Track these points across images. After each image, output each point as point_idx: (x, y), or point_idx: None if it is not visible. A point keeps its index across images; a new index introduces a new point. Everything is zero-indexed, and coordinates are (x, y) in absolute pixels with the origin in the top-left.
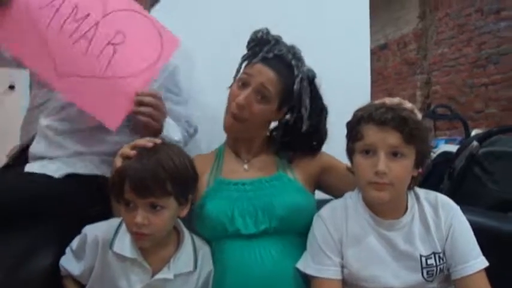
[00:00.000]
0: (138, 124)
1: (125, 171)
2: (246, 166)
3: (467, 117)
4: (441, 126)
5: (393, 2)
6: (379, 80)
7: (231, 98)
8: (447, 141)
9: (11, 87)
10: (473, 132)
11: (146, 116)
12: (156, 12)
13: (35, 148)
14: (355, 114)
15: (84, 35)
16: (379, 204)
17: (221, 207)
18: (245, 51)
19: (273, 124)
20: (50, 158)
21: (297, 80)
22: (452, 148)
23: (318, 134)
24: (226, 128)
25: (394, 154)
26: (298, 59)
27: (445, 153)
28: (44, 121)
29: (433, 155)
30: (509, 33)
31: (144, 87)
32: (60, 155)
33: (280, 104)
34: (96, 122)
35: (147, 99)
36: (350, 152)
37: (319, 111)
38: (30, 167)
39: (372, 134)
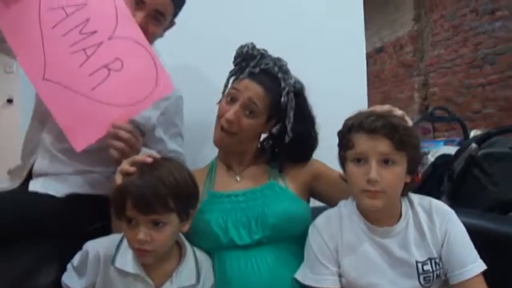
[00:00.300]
0: (110, 155)
1: (126, 188)
2: (237, 178)
3: (465, 118)
4: (439, 128)
5: (388, 5)
6: (376, 82)
7: (220, 113)
8: (446, 143)
9: (9, 100)
10: (472, 133)
11: (118, 151)
12: None
13: (39, 164)
14: (345, 123)
15: (85, 50)
16: (372, 211)
17: (215, 219)
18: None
19: (264, 135)
20: (53, 174)
21: (284, 92)
22: (451, 150)
23: (304, 143)
24: (217, 142)
25: (386, 161)
26: (285, 71)
27: (444, 156)
28: (47, 138)
29: (432, 158)
30: (504, 33)
31: (123, 120)
32: (63, 171)
33: (269, 117)
34: (99, 142)
35: (122, 133)
36: (342, 161)
37: (304, 121)
38: (34, 186)
39: (362, 143)
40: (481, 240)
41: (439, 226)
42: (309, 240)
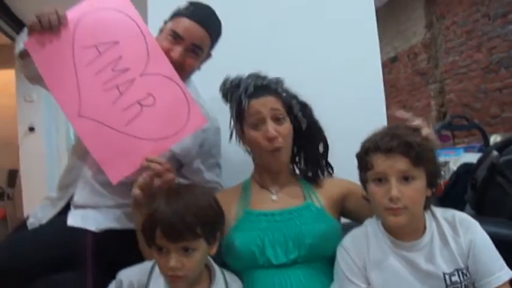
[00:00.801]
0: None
1: (155, 217)
2: (274, 197)
3: (484, 123)
4: (459, 134)
5: (399, 14)
6: (393, 92)
7: (258, 140)
8: (466, 150)
9: (31, 129)
10: (492, 138)
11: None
12: None
13: (79, 196)
14: (362, 146)
15: (118, 87)
16: (397, 228)
17: (251, 237)
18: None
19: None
20: (92, 207)
21: (287, 94)
22: (472, 157)
23: (319, 131)
24: (280, 164)
25: (405, 178)
26: (270, 78)
27: (466, 164)
28: (88, 171)
29: (453, 166)
30: None
31: (157, 154)
32: (102, 204)
33: (290, 118)
34: (136, 175)
35: (154, 165)
36: (363, 181)
37: (305, 107)
38: (73, 220)
39: (381, 163)
40: (506, 249)
41: (463, 237)
42: (338, 260)
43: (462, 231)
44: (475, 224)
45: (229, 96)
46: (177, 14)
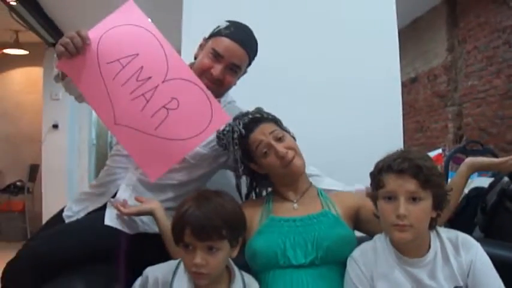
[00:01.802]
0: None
1: (184, 218)
2: (295, 205)
3: (499, 148)
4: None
5: (422, 35)
6: (411, 112)
7: (273, 163)
8: (480, 174)
9: (55, 126)
10: None
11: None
12: None
13: (120, 196)
14: (376, 165)
15: (143, 95)
16: (402, 244)
17: (274, 240)
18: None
19: None
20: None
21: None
22: (485, 181)
23: None
24: (298, 171)
25: (413, 198)
26: (253, 112)
27: (478, 188)
28: (133, 175)
29: (466, 190)
30: None
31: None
32: None
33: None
34: (186, 177)
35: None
36: (374, 199)
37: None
38: (109, 220)
39: (392, 182)
40: None
41: (464, 257)
42: (348, 271)
43: (464, 252)
44: (476, 246)
45: (228, 145)
46: (218, 34)
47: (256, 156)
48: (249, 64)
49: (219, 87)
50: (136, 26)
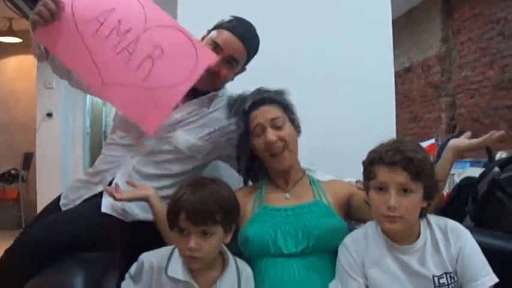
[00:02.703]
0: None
1: (180, 202)
2: (287, 195)
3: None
4: None
5: (416, 26)
6: (405, 102)
7: (259, 146)
8: (472, 164)
9: (49, 114)
10: (498, 155)
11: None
12: None
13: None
14: (368, 156)
15: (126, 48)
16: (392, 233)
17: (266, 228)
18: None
19: None
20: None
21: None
22: (477, 172)
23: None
24: (284, 165)
25: (404, 190)
26: (270, 90)
27: (469, 178)
28: (130, 163)
29: (457, 179)
30: None
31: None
32: None
33: (289, 118)
34: (181, 168)
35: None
36: (366, 188)
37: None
38: (106, 207)
39: (383, 174)
40: (501, 260)
41: (453, 244)
42: (339, 257)
43: (453, 239)
44: (465, 232)
45: (234, 113)
46: (220, 26)
47: (250, 133)
48: (248, 61)
49: (214, 79)
50: None
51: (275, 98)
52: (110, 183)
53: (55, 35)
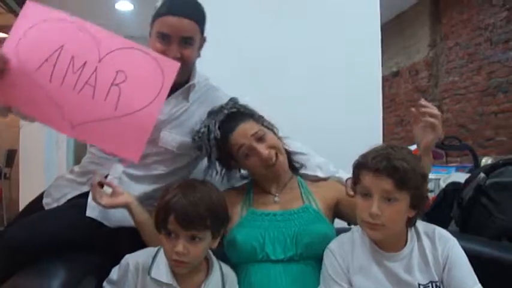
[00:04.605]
0: None
1: (171, 205)
2: (276, 199)
3: (477, 145)
4: (452, 154)
5: (405, 30)
6: (392, 106)
7: (256, 165)
8: (458, 169)
9: None
10: (483, 160)
11: None
12: None
13: (106, 187)
14: (357, 160)
15: (87, 82)
16: (375, 240)
17: (254, 234)
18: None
19: None
20: None
21: (252, 111)
22: (463, 177)
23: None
24: (280, 170)
25: (388, 199)
26: (228, 107)
27: (455, 183)
28: (119, 165)
29: (443, 184)
30: None
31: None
32: None
33: (263, 125)
34: (172, 167)
35: None
36: (353, 192)
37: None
38: (91, 211)
39: (368, 180)
40: (486, 267)
41: (440, 252)
42: (324, 262)
43: (440, 246)
44: (453, 241)
45: (205, 146)
46: (157, 16)
47: (237, 157)
48: (202, 29)
49: (183, 66)
50: (46, 20)
51: (241, 111)
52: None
53: (10, 90)
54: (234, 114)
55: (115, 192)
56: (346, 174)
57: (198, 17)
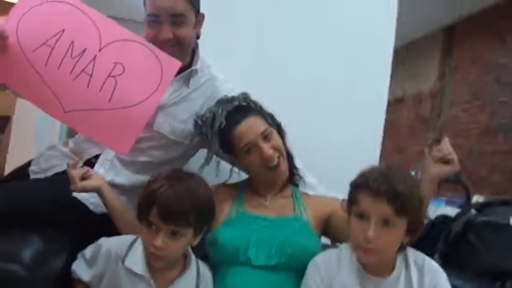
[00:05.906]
0: None
1: (155, 196)
2: (267, 203)
3: (471, 182)
4: (444, 187)
5: (415, 58)
6: (391, 132)
7: (257, 163)
8: (447, 203)
9: None
10: (475, 198)
11: None
12: None
13: (97, 169)
14: (355, 179)
15: (84, 70)
16: (364, 264)
17: (239, 235)
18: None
19: None
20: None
21: (260, 107)
22: (451, 211)
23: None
24: (282, 175)
25: (386, 223)
26: (239, 99)
27: (443, 216)
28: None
29: (432, 216)
30: None
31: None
32: (117, 182)
33: (270, 124)
34: (166, 155)
35: None
36: (348, 212)
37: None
38: (78, 193)
39: (366, 202)
40: None
41: (428, 282)
42: (307, 274)
43: (428, 277)
44: (441, 273)
45: (207, 133)
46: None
47: (237, 151)
48: (196, 6)
49: (179, 47)
50: (50, 2)
51: (252, 106)
52: (87, 162)
53: (6, 67)
54: (243, 107)
55: (86, 175)
56: (336, 195)
57: None
